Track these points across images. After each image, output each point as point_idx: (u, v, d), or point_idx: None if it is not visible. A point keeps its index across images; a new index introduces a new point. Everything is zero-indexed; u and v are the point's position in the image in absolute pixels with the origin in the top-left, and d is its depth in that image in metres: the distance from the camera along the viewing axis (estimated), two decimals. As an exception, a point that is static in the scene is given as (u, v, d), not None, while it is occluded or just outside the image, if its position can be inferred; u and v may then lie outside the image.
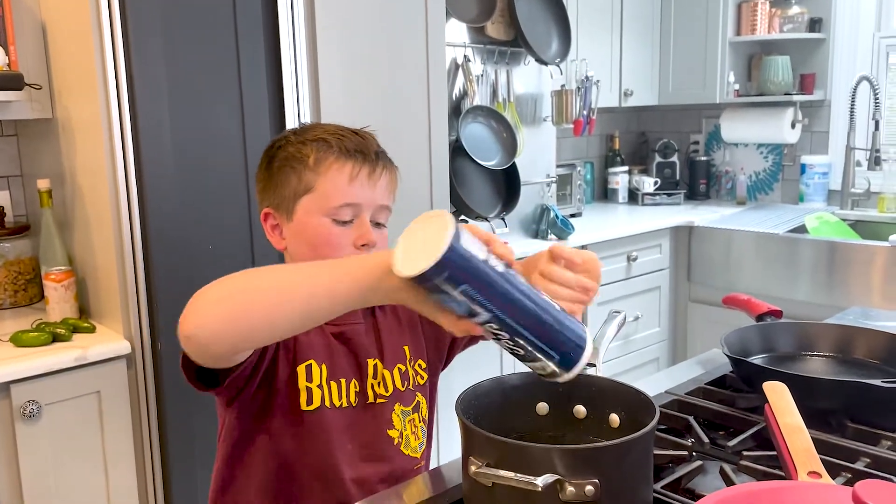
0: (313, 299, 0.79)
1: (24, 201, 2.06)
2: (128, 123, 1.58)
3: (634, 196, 3.70)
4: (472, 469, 0.77)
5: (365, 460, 1.08)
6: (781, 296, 2.89)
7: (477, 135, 2.58)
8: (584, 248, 2.77)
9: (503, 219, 2.65)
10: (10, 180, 2.04)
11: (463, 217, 2.49)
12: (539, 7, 2.74)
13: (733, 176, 3.74)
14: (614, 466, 0.75)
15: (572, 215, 3.15)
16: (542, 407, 0.93)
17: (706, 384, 1.21)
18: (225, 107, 1.70)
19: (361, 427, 1.09)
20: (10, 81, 1.69)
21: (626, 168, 3.78)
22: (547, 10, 2.77)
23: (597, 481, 0.73)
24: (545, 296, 0.77)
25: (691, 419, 1.07)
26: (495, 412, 0.89)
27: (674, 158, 3.75)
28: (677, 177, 3.75)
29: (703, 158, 3.79)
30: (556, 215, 2.77)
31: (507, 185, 2.68)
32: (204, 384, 0.97)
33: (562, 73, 2.90)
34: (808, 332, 1.29)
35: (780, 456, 0.89)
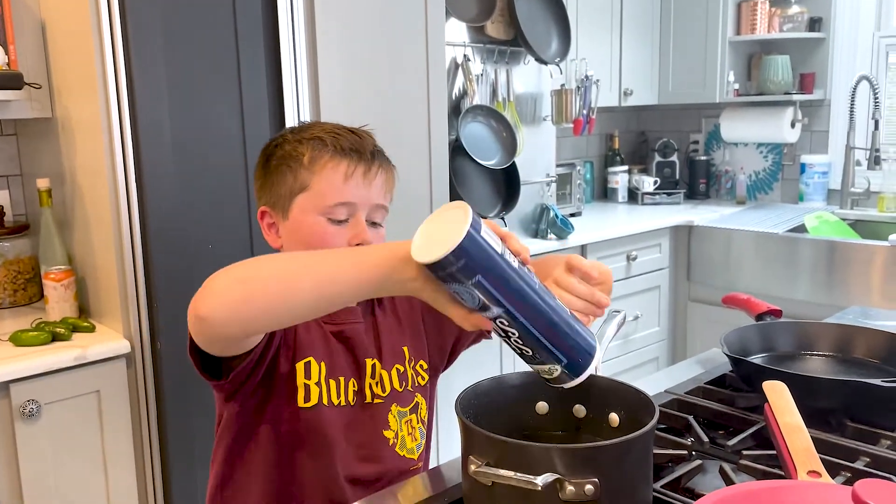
0: (329, 285, 0.80)
1: (24, 200, 2.06)
2: (128, 123, 1.58)
3: (634, 195, 3.70)
4: (472, 468, 0.77)
5: (360, 460, 1.08)
6: (781, 295, 2.89)
7: (477, 134, 2.58)
8: (584, 248, 2.80)
9: (503, 218, 2.64)
10: (10, 179, 2.04)
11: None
12: (539, 6, 2.74)
13: (733, 175, 3.74)
14: (614, 466, 0.75)
15: (572, 215, 3.15)
16: (542, 406, 0.93)
17: (706, 383, 1.21)
18: (225, 106, 1.70)
19: (358, 426, 1.09)
20: (10, 81, 1.69)
21: (626, 167, 3.78)
22: (547, 10, 2.77)
23: (596, 480, 0.73)
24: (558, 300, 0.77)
25: (691, 418, 1.07)
26: (495, 411, 0.89)
27: (673, 158, 3.75)
28: (677, 176, 3.75)
29: (703, 158, 3.79)
30: (556, 215, 2.77)
31: (507, 185, 2.68)
32: (206, 375, 0.98)
33: (561, 73, 2.91)
34: (808, 332, 1.28)
35: (780, 455, 0.88)
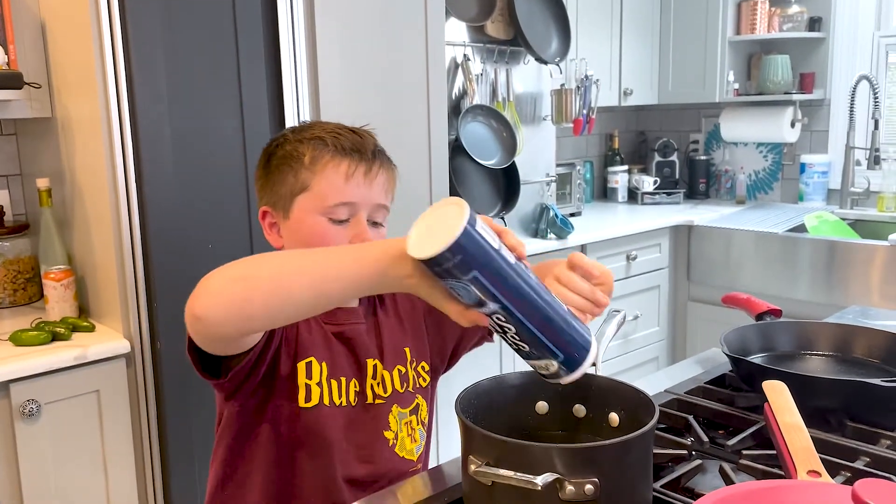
0: (325, 282, 0.80)
1: (24, 200, 2.05)
2: (127, 122, 1.58)
3: (634, 195, 3.70)
4: (472, 468, 0.77)
5: (359, 460, 1.08)
6: (781, 295, 2.89)
7: (476, 134, 2.58)
8: (584, 248, 2.80)
9: (503, 218, 2.64)
10: (10, 179, 2.04)
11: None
12: (539, 6, 2.74)
13: (733, 175, 3.74)
14: (614, 465, 0.75)
15: (572, 214, 3.15)
16: (542, 406, 0.93)
17: (706, 383, 1.21)
18: (225, 107, 1.70)
19: (359, 427, 1.08)
20: (10, 80, 1.68)
21: (626, 167, 3.78)
22: (546, 9, 2.77)
23: (596, 480, 0.73)
24: (555, 295, 0.77)
25: (691, 418, 1.07)
26: (495, 411, 0.89)
27: (673, 158, 3.75)
28: (677, 176, 3.75)
29: (703, 158, 3.79)
30: (556, 214, 2.77)
31: (507, 185, 2.68)
32: (206, 374, 0.97)
33: (561, 73, 2.91)
34: (808, 331, 1.28)
35: (780, 455, 0.89)
